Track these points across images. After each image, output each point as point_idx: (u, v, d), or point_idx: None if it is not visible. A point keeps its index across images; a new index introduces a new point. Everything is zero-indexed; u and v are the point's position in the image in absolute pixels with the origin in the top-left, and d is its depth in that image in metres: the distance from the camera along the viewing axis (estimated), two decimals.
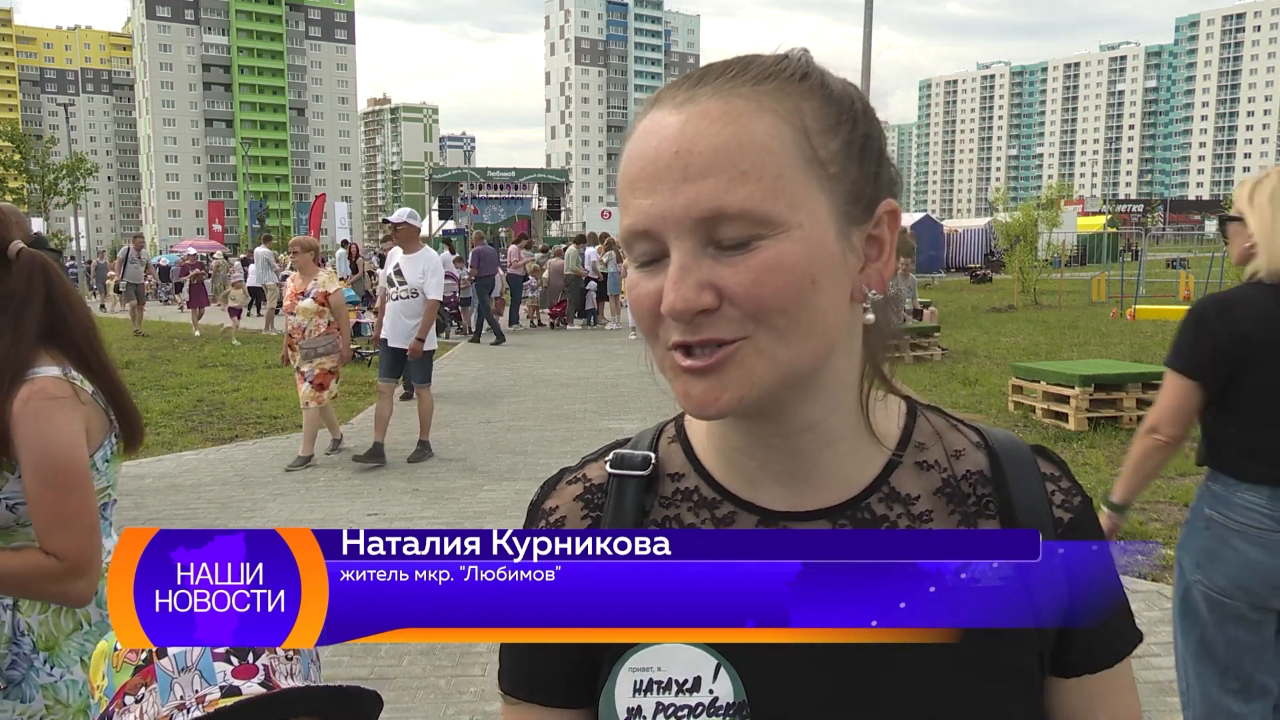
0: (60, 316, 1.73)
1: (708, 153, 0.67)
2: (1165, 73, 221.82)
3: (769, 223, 0.67)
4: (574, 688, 0.82)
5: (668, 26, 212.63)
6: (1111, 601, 0.76)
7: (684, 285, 0.68)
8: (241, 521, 6.37)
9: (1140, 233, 51.19)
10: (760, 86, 0.70)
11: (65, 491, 1.64)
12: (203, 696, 1.05)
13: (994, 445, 0.82)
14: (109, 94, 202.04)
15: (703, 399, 0.70)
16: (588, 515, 0.84)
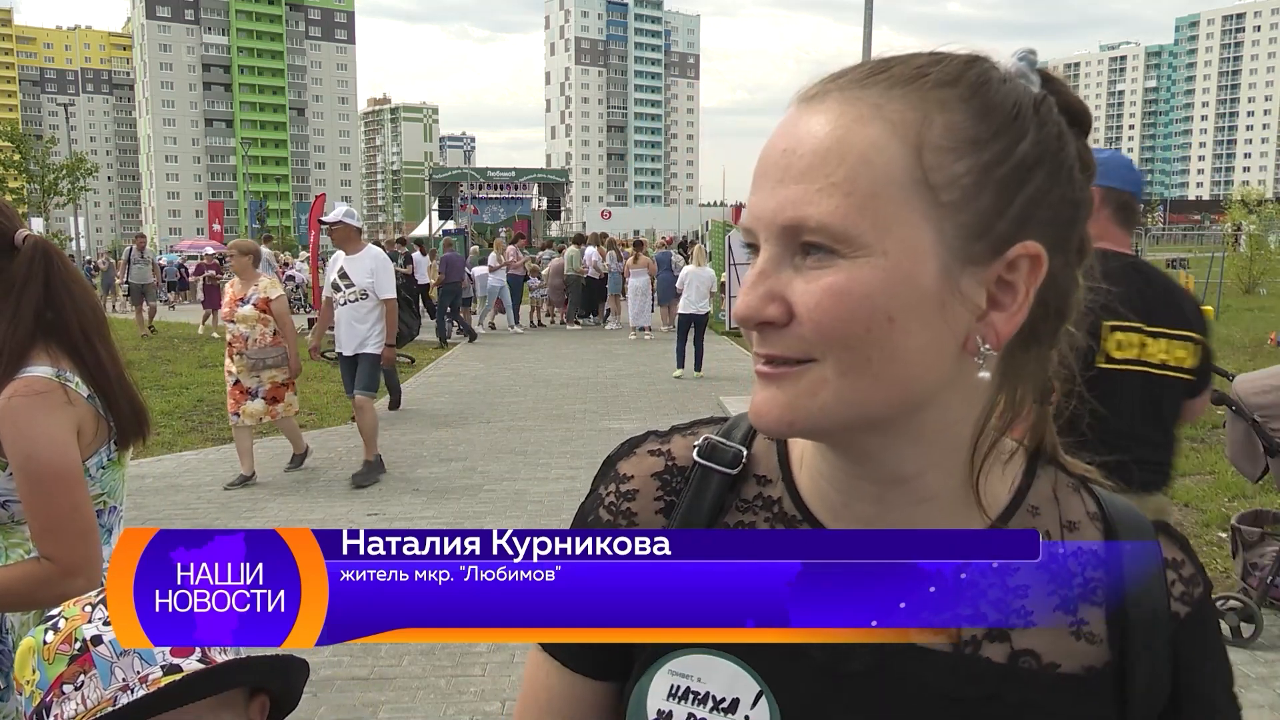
0: (58, 302, 1.71)
1: (808, 155, 0.62)
2: (1165, 73, 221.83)
3: (848, 242, 0.61)
4: (602, 663, 0.79)
5: (668, 26, 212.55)
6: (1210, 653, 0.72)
7: (753, 293, 0.64)
8: (241, 521, 6.37)
9: (1140, 233, 51.17)
10: (894, 90, 0.63)
11: (52, 493, 1.61)
12: (145, 676, 1.07)
13: (1111, 518, 0.73)
14: (109, 94, 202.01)
15: (759, 409, 0.66)
16: (662, 499, 0.79)
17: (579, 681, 0.81)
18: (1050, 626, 0.69)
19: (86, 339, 1.73)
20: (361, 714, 3.73)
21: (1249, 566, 4.36)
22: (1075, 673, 0.69)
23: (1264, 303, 21.97)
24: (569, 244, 22.27)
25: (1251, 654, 4.11)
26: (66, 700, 1.06)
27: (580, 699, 0.81)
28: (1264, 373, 4.35)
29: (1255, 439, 4.20)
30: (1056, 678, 0.69)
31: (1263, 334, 15.29)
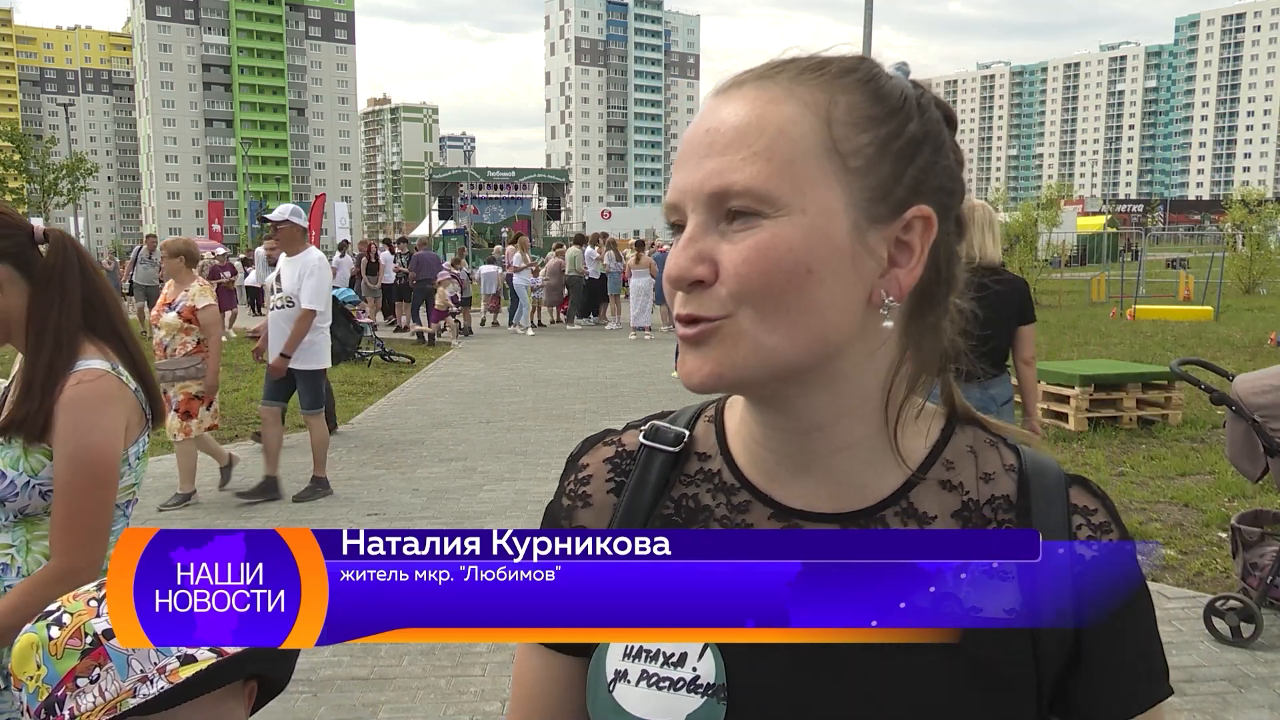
0: (95, 288, 1.77)
1: (729, 131, 0.69)
2: (1165, 73, 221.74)
3: (771, 202, 0.68)
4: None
5: (668, 26, 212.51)
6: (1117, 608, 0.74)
7: (684, 254, 0.70)
8: (241, 522, 6.37)
9: (1140, 233, 51.17)
10: (801, 77, 0.72)
11: (88, 487, 1.66)
12: (163, 667, 1.07)
13: (1027, 469, 0.79)
14: (109, 94, 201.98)
15: (688, 371, 0.71)
16: (613, 479, 0.86)
17: (557, 660, 0.86)
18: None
19: (122, 322, 1.81)
20: (361, 714, 3.73)
21: (1249, 566, 4.36)
22: (996, 616, 0.70)
23: (1264, 303, 21.97)
24: (568, 244, 22.27)
25: (1251, 654, 4.11)
26: (82, 694, 1.06)
27: (562, 676, 0.86)
28: (1264, 373, 4.35)
29: (1255, 439, 4.20)
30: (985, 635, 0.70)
31: (1263, 334, 15.29)
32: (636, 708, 0.76)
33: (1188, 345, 14.31)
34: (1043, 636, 0.73)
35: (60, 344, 1.68)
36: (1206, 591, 4.76)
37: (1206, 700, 3.72)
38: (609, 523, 0.84)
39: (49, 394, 1.66)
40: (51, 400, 1.66)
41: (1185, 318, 18.69)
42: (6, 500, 1.69)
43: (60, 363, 1.68)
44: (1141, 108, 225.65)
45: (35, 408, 1.66)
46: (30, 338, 1.70)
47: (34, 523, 1.72)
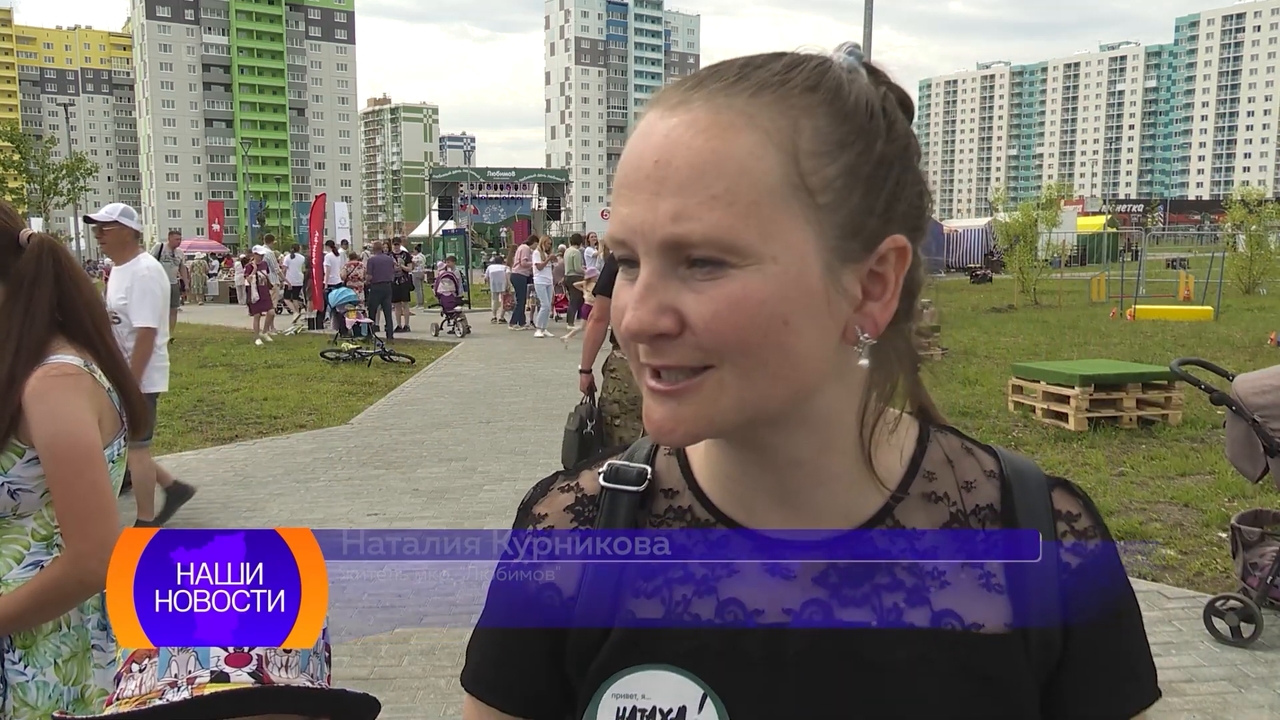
0: (69, 296, 1.75)
1: (684, 169, 0.62)
2: (1165, 73, 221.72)
3: (737, 252, 0.62)
4: (536, 702, 0.80)
5: (668, 26, 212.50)
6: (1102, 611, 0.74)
7: (644, 306, 0.64)
8: (241, 521, 6.37)
9: (1140, 233, 51.20)
10: (759, 97, 0.64)
11: (78, 472, 1.64)
12: (193, 678, 1.03)
13: (1008, 474, 0.77)
14: (109, 94, 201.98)
15: (660, 425, 0.67)
16: (575, 527, 0.81)
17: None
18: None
19: (99, 334, 1.78)
20: None
21: (1249, 566, 4.36)
22: (998, 632, 0.71)
23: (1264, 303, 21.95)
24: (567, 244, 22.28)
25: (1251, 654, 4.11)
26: (132, 678, 1.04)
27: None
28: (1264, 373, 4.35)
29: (1255, 439, 4.20)
30: (979, 638, 0.71)
31: (1263, 334, 15.28)
32: None
33: (1188, 345, 14.30)
34: (1032, 639, 0.72)
35: (20, 351, 1.66)
36: (1206, 591, 4.75)
37: (1206, 700, 3.72)
38: (580, 577, 0.77)
39: (9, 398, 1.64)
40: (12, 403, 1.64)
41: (1185, 318, 18.68)
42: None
43: (20, 370, 1.66)
44: (1141, 108, 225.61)
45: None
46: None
47: (3, 526, 1.69)
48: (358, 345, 15.02)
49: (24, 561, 1.69)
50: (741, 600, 0.73)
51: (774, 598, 0.73)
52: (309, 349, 16.29)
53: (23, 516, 1.69)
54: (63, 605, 1.66)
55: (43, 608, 1.64)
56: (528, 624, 0.79)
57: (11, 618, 1.61)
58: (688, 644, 0.73)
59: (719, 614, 0.73)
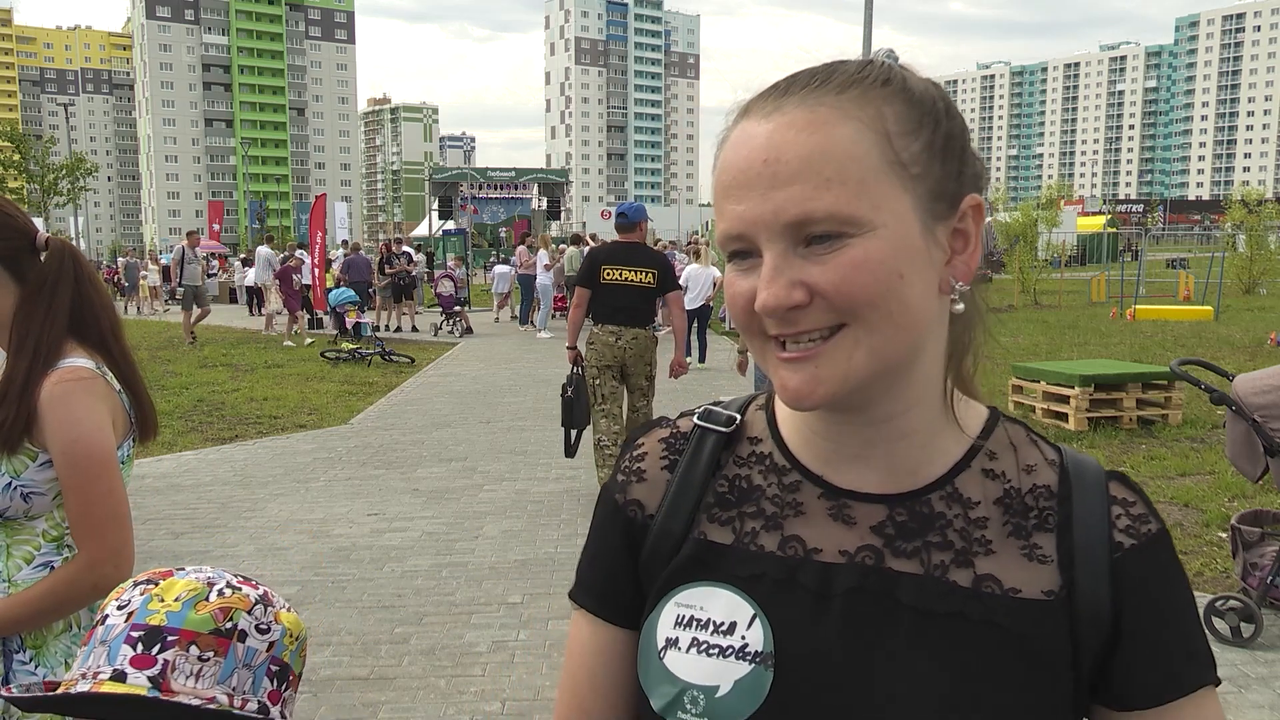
0: (87, 299, 1.78)
1: (794, 161, 0.71)
2: (1165, 73, 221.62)
3: (855, 223, 0.71)
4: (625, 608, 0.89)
5: (668, 26, 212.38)
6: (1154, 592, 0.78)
7: (776, 284, 0.72)
8: (241, 521, 6.37)
9: (1140, 233, 51.16)
10: (844, 94, 0.74)
11: (93, 478, 1.65)
12: (97, 673, 1.02)
13: (1068, 464, 0.83)
14: (109, 94, 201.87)
15: (799, 390, 0.74)
16: (667, 456, 0.90)
17: (609, 631, 0.89)
18: (1005, 551, 0.79)
19: (114, 336, 1.81)
20: (361, 714, 3.73)
21: (1249, 566, 4.36)
22: (1034, 598, 0.77)
23: (1264, 303, 21.96)
24: (568, 244, 22.27)
25: (1251, 654, 4.11)
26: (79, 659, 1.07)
27: (611, 647, 0.89)
28: (1264, 373, 4.35)
29: (1255, 439, 4.19)
30: (1016, 602, 0.77)
31: (1263, 334, 15.28)
32: (686, 674, 0.79)
33: (1188, 345, 14.30)
34: (1081, 618, 0.77)
35: (40, 352, 1.68)
36: (1206, 591, 4.76)
37: None
38: (662, 497, 0.87)
39: (24, 401, 1.65)
40: (27, 407, 1.66)
41: (1185, 318, 18.68)
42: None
43: (37, 370, 1.67)
44: (1141, 108, 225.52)
45: (10, 418, 1.65)
46: (13, 343, 1.70)
47: (14, 527, 1.70)
48: (358, 345, 15.01)
49: (34, 562, 1.70)
50: (803, 538, 0.82)
51: (833, 540, 0.81)
52: (309, 349, 16.29)
53: (34, 518, 1.71)
54: (73, 607, 1.67)
55: (53, 609, 1.65)
56: (613, 535, 0.90)
57: (23, 618, 1.63)
58: (749, 568, 0.81)
59: (780, 547, 0.82)
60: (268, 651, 1.09)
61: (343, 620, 4.61)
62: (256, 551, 5.75)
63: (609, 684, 0.89)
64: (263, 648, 1.09)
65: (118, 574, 1.65)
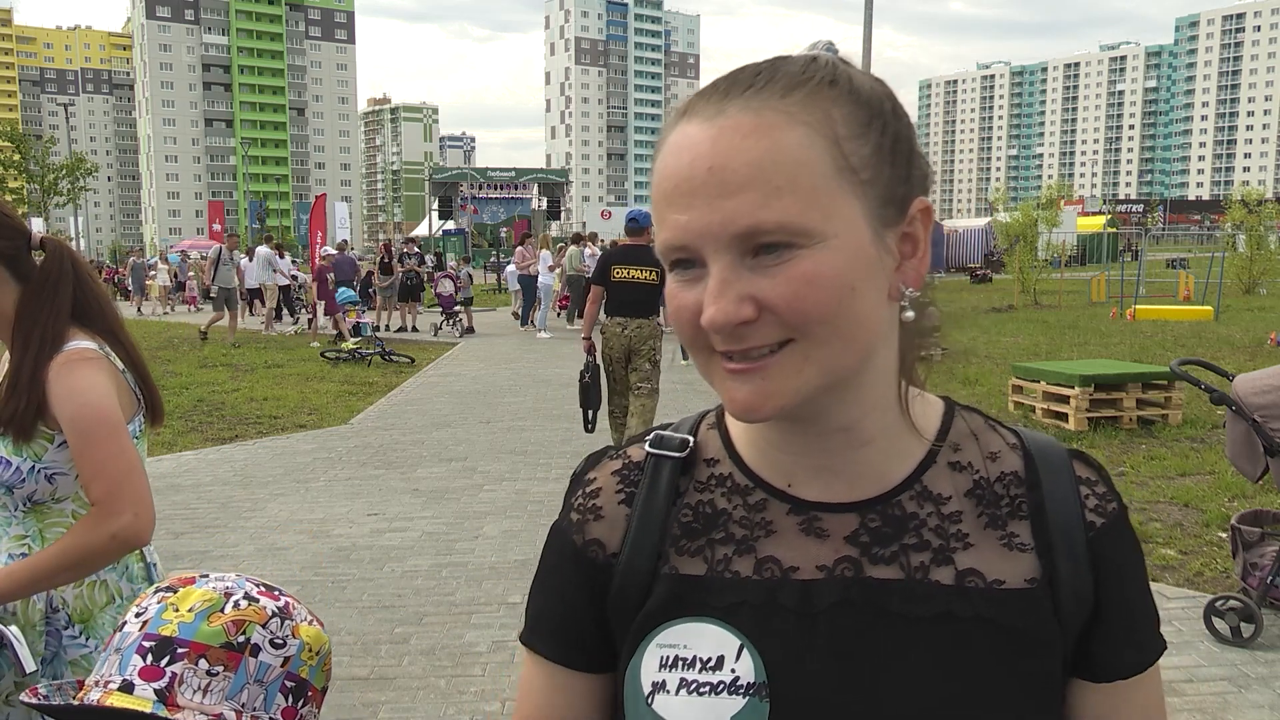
0: (89, 295, 1.85)
1: (742, 169, 0.68)
2: (1165, 73, 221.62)
3: (806, 234, 0.68)
4: (588, 655, 0.86)
5: (668, 26, 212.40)
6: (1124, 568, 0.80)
7: (725, 298, 0.69)
8: (241, 521, 6.37)
9: (1140, 233, 51.15)
10: (790, 96, 0.71)
11: (101, 440, 1.70)
12: (108, 682, 1.01)
13: (1030, 447, 0.83)
14: (109, 94, 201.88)
15: (748, 403, 0.72)
16: (622, 490, 0.86)
17: (568, 677, 0.86)
18: (984, 543, 0.78)
19: (117, 325, 1.89)
20: (361, 714, 3.73)
21: (1249, 566, 4.36)
22: (1019, 587, 0.76)
23: (1264, 303, 21.95)
24: (568, 244, 22.28)
25: (1251, 654, 4.11)
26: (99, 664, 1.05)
27: (571, 693, 0.86)
28: (1264, 373, 4.34)
29: (1255, 439, 4.19)
30: (1002, 593, 0.76)
31: (1263, 334, 15.28)
32: (679, 717, 0.76)
33: (1188, 345, 14.30)
34: (1064, 601, 0.77)
35: (45, 343, 1.75)
36: (1206, 591, 4.75)
37: (1206, 700, 3.72)
38: (624, 534, 0.83)
39: (34, 390, 1.72)
40: (37, 395, 1.72)
41: (1185, 318, 18.68)
42: (14, 487, 1.74)
43: (44, 359, 1.74)
44: (1141, 108, 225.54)
45: (22, 407, 1.71)
46: (18, 338, 1.77)
47: (44, 511, 1.77)
48: (357, 345, 15.02)
49: None
50: (778, 558, 0.79)
51: (809, 556, 0.78)
52: (309, 349, 16.28)
53: (61, 500, 1.78)
54: (92, 564, 1.70)
55: (73, 564, 1.67)
56: (573, 579, 0.85)
57: (41, 576, 1.66)
58: (727, 598, 0.78)
59: (756, 571, 0.79)
60: (282, 667, 1.06)
61: (343, 620, 4.61)
62: (256, 551, 5.75)
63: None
64: (277, 663, 1.06)
65: (138, 522, 1.69)
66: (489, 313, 23.33)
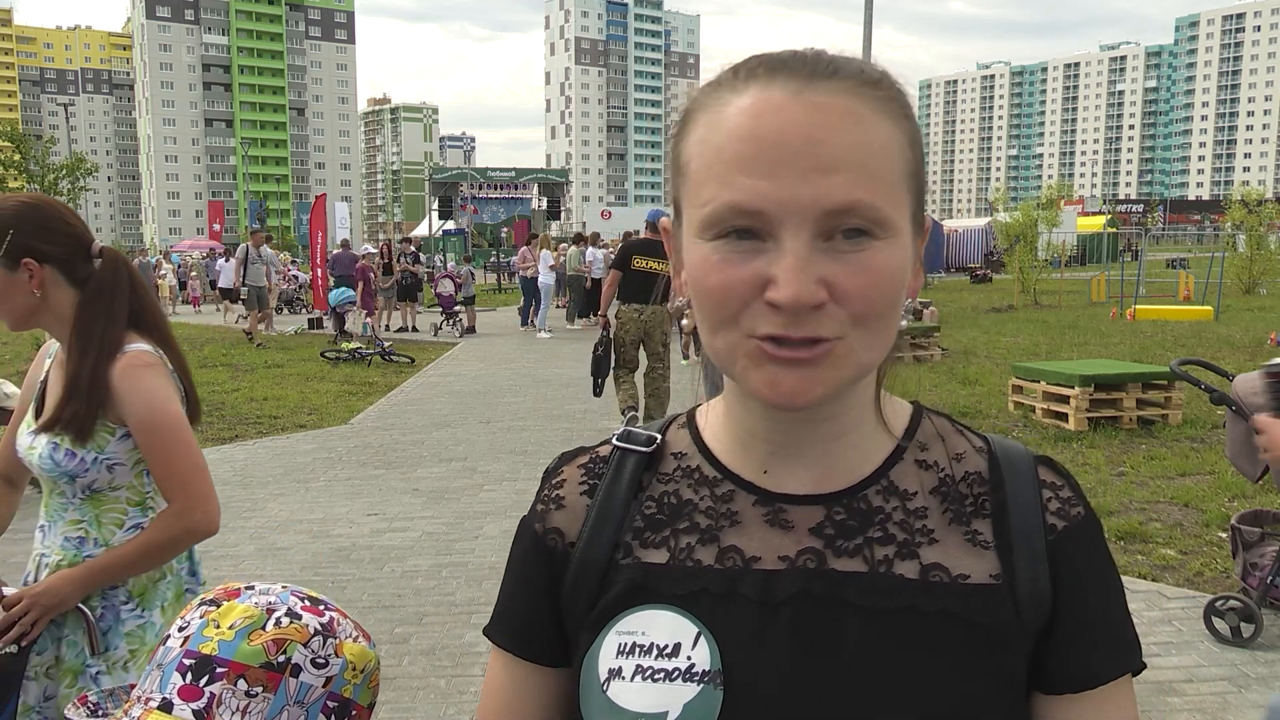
0: (141, 303, 2.02)
1: (841, 147, 0.67)
2: (1165, 73, 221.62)
3: (886, 225, 0.69)
4: (550, 648, 0.85)
5: (668, 26, 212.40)
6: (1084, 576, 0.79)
7: (804, 277, 0.66)
8: (241, 521, 6.37)
9: (1140, 233, 51.15)
10: (876, 90, 0.71)
11: (172, 440, 1.91)
12: (149, 699, 1.00)
13: (996, 451, 0.83)
14: (109, 94, 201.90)
15: (793, 390, 0.70)
16: (586, 481, 0.86)
17: (531, 671, 0.86)
18: (948, 539, 0.78)
19: (166, 331, 2.06)
20: None
21: (1249, 566, 4.36)
22: (983, 581, 0.76)
23: (1264, 303, 21.94)
24: (569, 244, 22.27)
25: (1251, 654, 4.11)
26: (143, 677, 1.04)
27: (533, 687, 0.86)
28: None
29: (1255, 439, 4.19)
30: (966, 587, 0.75)
31: (1263, 334, 15.28)
32: (633, 703, 0.75)
33: (1188, 345, 14.30)
34: (1023, 602, 0.76)
35: (104, 348, 1.90)
36: (1206, 591, 4.75)
37: (1206, 700, 3.72)
38: (582, 523, 0.84)
39: (94, 393, 1.88)
40: (98, 398, 1.88)
41: (1185, 318, 18.67)
42: (77, 476, 1.91)
43: (103, 363, 1.89)
44: (1141, 108, 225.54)
45: (82, 409, 1.88)
46: (76, 342, 1.92)
47: (100, 499, 1.96)
48: (357, 345, 15.01)
49: (125, 526, 1.97)
50: (741, 548, 0.78)
51: (772, 547, 0.78)
52: (309, 349, 16.28)
53: (117, 489, 1.96)
54: (170, 553, 1.94)
55: (154, 555, 1.92)
56: (533, 568, 0.85)
57: (130, 564, 1.90)
58: (687, 585, 0.78)
59: (719, 560, 0.78)
60: (324, 687, 1.03)
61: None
62: (256, 551, 5.75)
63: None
64: (319, 683, 1.03)
65: (206, 519, 1.93)
66: (489, 312, 23.32)
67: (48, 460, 1.91)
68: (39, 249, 1.91)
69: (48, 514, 2.00)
